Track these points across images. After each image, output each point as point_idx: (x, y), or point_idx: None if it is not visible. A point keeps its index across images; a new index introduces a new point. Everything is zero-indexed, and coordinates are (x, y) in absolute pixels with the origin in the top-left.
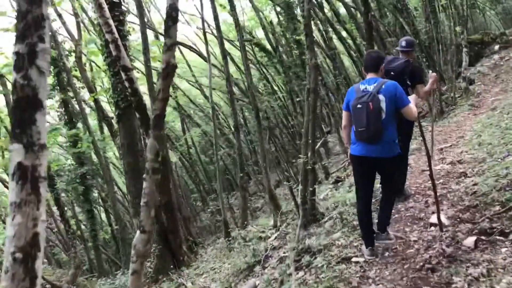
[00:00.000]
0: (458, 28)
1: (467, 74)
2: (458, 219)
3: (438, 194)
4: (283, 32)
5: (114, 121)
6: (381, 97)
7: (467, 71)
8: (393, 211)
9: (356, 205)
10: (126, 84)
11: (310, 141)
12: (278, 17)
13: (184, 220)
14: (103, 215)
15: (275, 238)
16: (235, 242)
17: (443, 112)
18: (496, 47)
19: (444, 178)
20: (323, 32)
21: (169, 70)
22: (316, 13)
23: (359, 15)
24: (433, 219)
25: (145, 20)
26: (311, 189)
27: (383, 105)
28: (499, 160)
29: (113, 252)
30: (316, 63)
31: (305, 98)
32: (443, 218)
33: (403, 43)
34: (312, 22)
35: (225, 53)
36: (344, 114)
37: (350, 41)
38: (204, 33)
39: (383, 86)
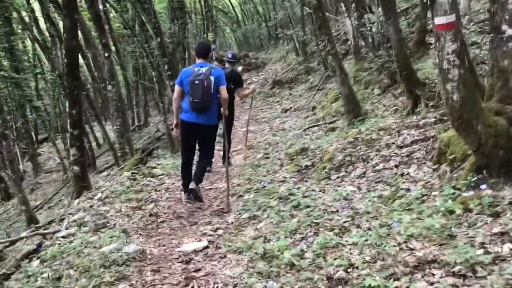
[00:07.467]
0: (210, 35)
1: None
2: None
3: None
4: None
5: None
6: (211, 78)
7: None
8: None
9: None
10: None
11: None
12: None
13: None
14: None
15: None
16: None
17: None
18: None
19: None
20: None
21: None
22: None
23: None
24: None
25: None
26: None
27: (212, 84)
28: None
29: None
30: None
31: None
32: None
33: (230, 55)
34: None
35: None
36: (177, 88)
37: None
38: None
39: (213, 70)
